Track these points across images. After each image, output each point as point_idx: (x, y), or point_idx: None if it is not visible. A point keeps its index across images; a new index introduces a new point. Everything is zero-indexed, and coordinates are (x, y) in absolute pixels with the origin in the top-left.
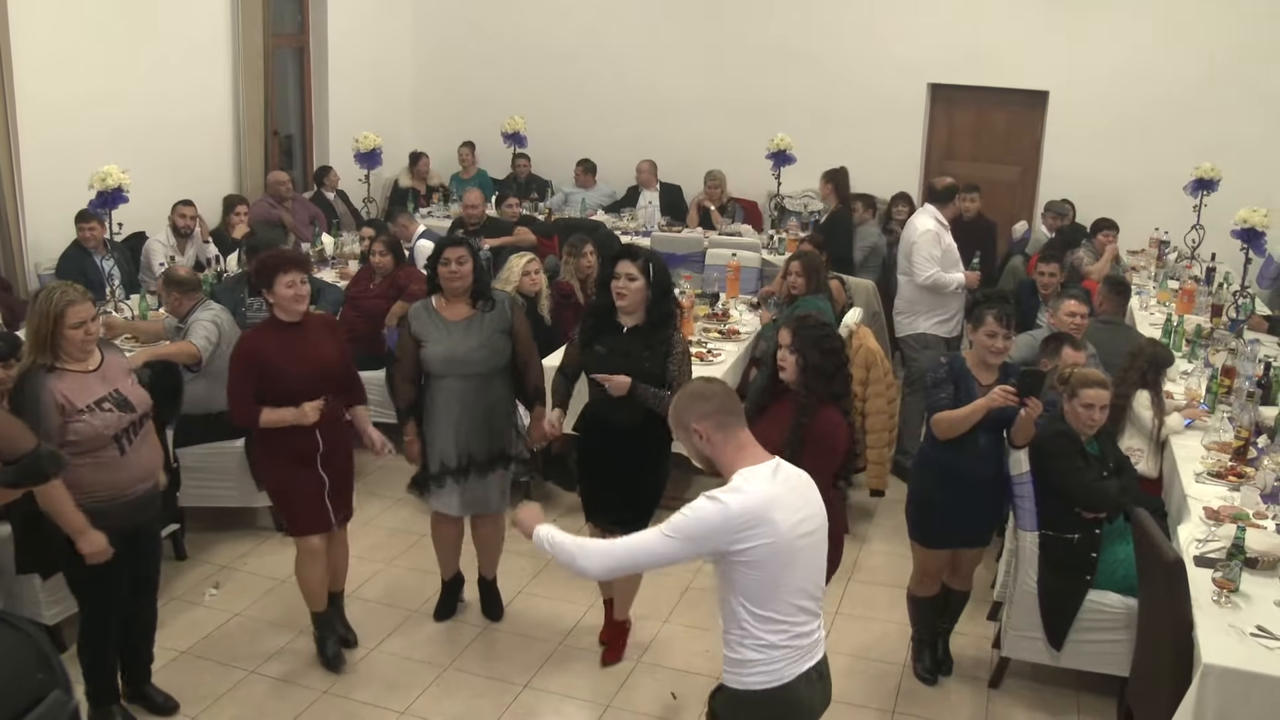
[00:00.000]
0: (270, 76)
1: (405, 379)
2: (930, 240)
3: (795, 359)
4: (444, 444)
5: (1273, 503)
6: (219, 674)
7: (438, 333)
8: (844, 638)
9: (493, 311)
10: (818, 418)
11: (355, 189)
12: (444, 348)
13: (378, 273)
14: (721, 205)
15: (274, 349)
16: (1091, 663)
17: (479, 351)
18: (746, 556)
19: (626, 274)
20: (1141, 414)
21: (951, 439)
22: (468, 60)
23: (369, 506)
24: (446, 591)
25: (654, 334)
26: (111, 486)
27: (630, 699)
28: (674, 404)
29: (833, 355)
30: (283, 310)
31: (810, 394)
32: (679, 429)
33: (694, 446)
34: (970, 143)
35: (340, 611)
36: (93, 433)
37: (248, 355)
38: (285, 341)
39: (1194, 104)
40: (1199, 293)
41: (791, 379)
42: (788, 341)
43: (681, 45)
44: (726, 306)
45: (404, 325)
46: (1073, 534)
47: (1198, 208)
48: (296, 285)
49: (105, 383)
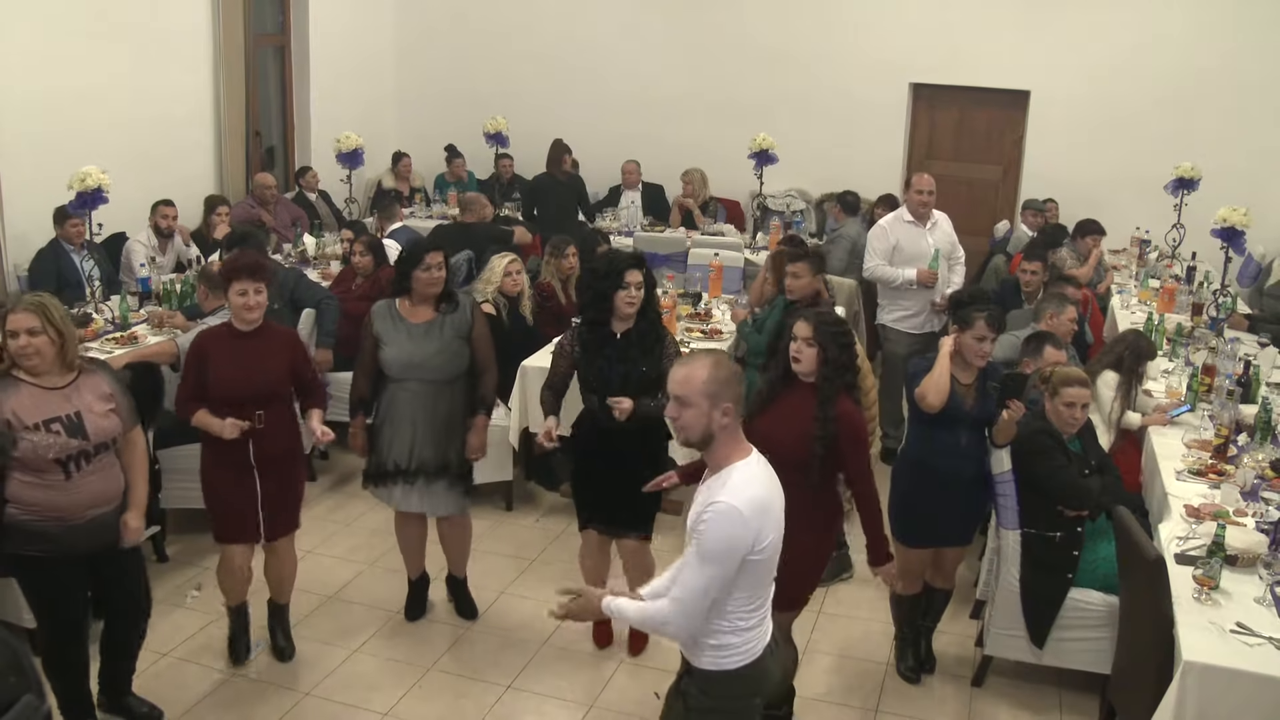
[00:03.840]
0: (251, 76)
1: (363, 373)
2: (877, 234)
3: (816, 352)
4: (398, 444)
5: (1252, 500)
6: (201, 676)
7: (398, 335)
8: (827, 636)
9: (454, 314)
10: (840, 410)
11: (337, 189)
12: (403, 352)
13: (359, 273)
14: (704, 205)
15: (219, 352)
16: (1074, 660)
17: (436, 357)
18: (760, 554)
19: (636, 283)
20: (1103, 392)
21: (932, 440)
22: (450, 59)
23: (351, 508)
24: (414, 591)
25: (648, 337)
26: (57, 509)
27: (613, 699)
28: (713, 376)
29: (849, 350)
30: (235, 318)
31: (830, 385)
32: (707, 401)
33: (710, 423)
34: (952, 142)
35: (284, 622)
36: (32, 452)
37: (195, 352)
38: (233, 348)
39: (1175, 103)
40: (1180, 291)
41: (809, 371)
42: (807, 334)
43: (664, 45)
44: (709, 306)
45: (366, 322)
46: (1055, 532)
47: (1178, 207)
48: (249, 294)
49: (66, 403)
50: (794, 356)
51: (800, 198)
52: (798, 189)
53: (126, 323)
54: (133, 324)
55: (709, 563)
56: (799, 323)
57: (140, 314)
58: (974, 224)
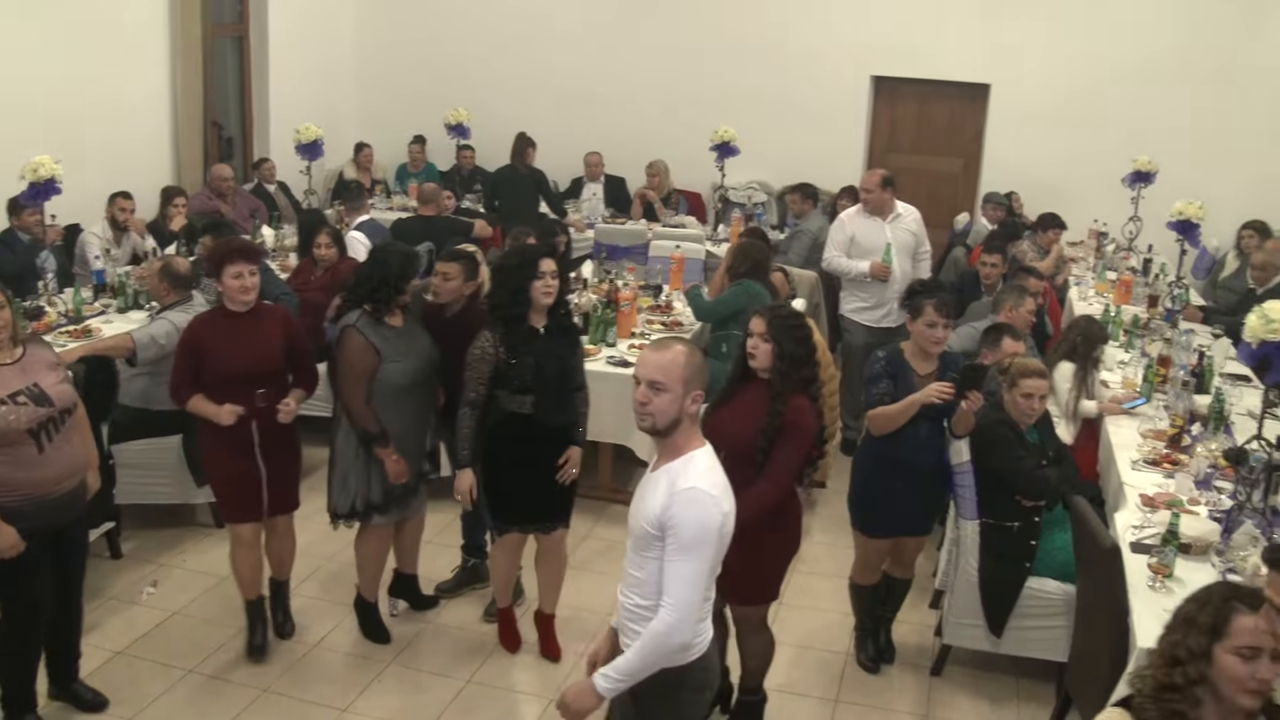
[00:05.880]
0: (209, 66)
1: (367, 400)
2: (836, 226)
3: (771, 347)
4: (412, 456)
5: (1205, 489)
6: (156, 674)
7: (401, 344)
8: (787, 628)
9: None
10: (790, 405)
11: (297, 180)
12: (409, 362)
13: (319, 264)
14: (665, 197)
15: (216, 335)
16: (1031, 648)
17: (431, 350)
18: (725, 538)
19: (551, 272)
20: (1059, 384)
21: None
22: (412, 50)
23: (310, 501)
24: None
25: (570, 330)
26: (31, 485)
27: None
28: (689, 362)
29: (805, 343)
30: (230, 300)
31: (785, 381)
32: (682, 387)
33: (680, 410)
34: (913, 135)
35: (284, 600)
36: (5, 426)
37: (189, 338)
38: (229, 330)
39: (1132, 97)
40: (1136, 284)
41: (764, 366)
42: (761, 330)
43: (627, 37)
44: (670, 298)
45: (355, 338)
46: (1013, 522)
47: (1135, 200)
48: (244, 276)
49: (23, 376)
50: (750, 352)
51: (762, 190)
52: (759, 181)
53: (80, 316)
54: (86, 317)
55: (693, 552)
56: (754, 318)
57: (95, 307)
58: (934, 216)
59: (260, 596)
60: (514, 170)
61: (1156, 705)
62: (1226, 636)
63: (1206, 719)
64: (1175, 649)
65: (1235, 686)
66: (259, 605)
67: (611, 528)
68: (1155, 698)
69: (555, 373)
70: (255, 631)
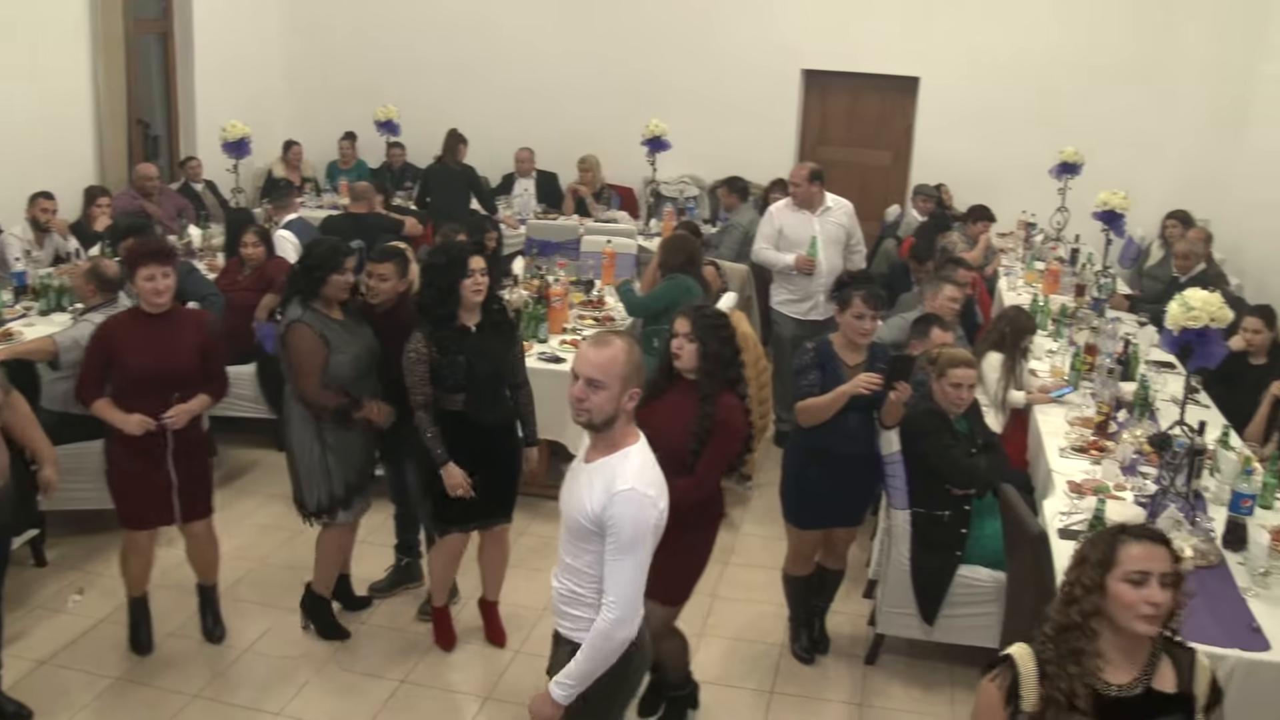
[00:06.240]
0: (132, 63)
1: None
2: (765, 219)
3: (695, 347)
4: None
5: (1131, 475)
6: (84, 683)
7: (346, 335)
8: (722, 621)
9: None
10: (719, 404)
11: (225, 179)
12: (353, 353)
13: (246, 264)
14: (597, 192)
15: (127, 338)
16: (963, 636)
17: (370, 345)
18: (659, 531)
19: (480, 269)
20: (987, 375)
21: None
22: (340, 45)
23: (240, 504)
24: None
25: (504, 326)
26: None
27: (509, 689)
28: (629, 360)
29: (730, 343)
30: (143, 302)
31: (711, 381)
32: (620, 384)
33: (614, 407)
34: (843, 128)
35: (213, 604)
36: None
37: (100, 339)
38: (142, 332)
39: (1059, 89)
40: (1064, 273)
41: (690, 366)
42: (686, 330)
43: (558, 32)
44: (602, 294)
45: (304, 332)
46: (943, 511)
47: (1062, 190)
48: (156, 279)
49: None
50: (674, 352)
51: (694, 184)
52: (691, 175)
53: (0, 319)
54: (7, 320)
55: (632, 550)
56: (678, 318)
57: (16, 310)
58: (866, 209)
59: (145, 594)
60: (445, 167)
61: (1056, 644)
62: (1116, 565)
63: (1105, 651)
64: (1071, 588)
65: (1129, 613)
66: (143, 602)
67: (546, 525)
68: (1055, 638)
69: (487, 371)
70: (140, 627)
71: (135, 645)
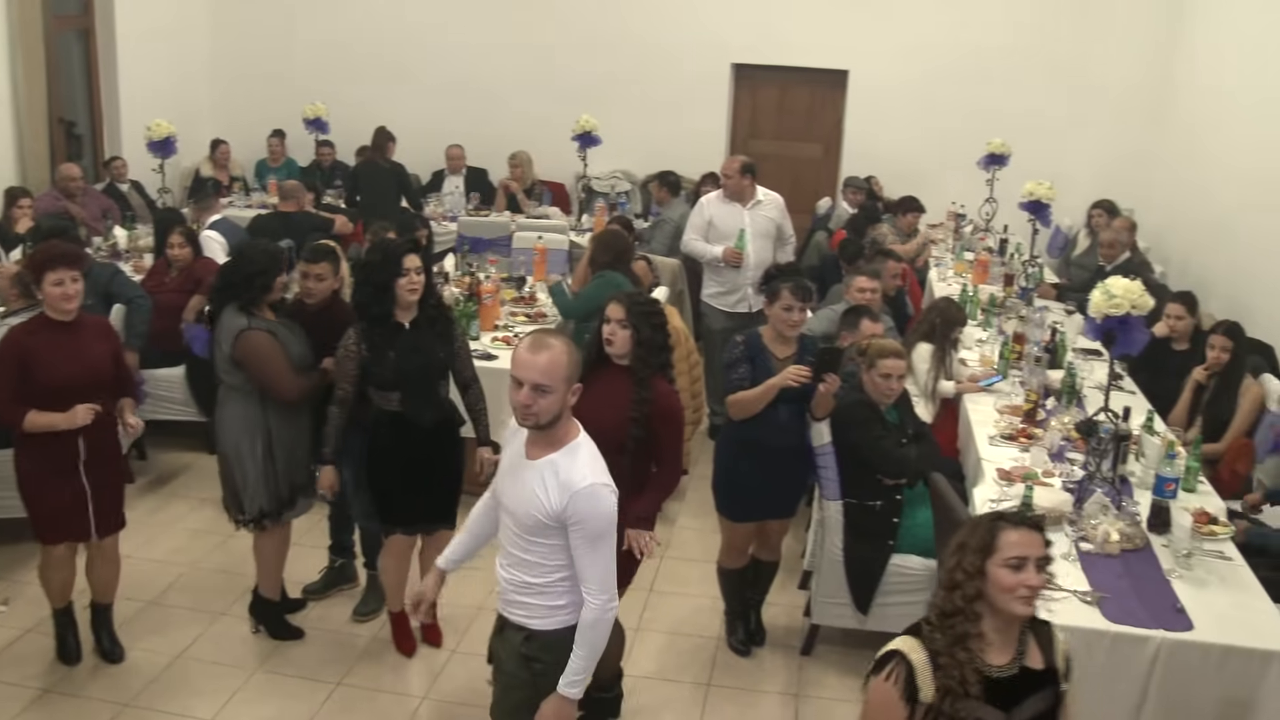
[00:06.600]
0: (52, 60)
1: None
2: (695, 210)
3: (629, 333)
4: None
5: (1059, 461)
6: (10, 694)
7: (286, 334)
8: (658, 615)
9: None
10: (657, 392)
11: (151, 179)
12: (297, 352)
13: (173, 266)
14: (528, 188)
15: (42, 347)
16: (897, 624)
17: (307, 342)
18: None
19: (415, 268)
20: (917, 365)
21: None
22: (267, 42)
23: (171, 508)
24: (289, 607)
25: (439, 323)
26: None
27: (445, 689)
28: (571, 361)
29: (662, 330)
30: (51, 309)
31: (645, 366)
32: (562, 383)
33: (558, 402)
34: (774, 121)
35: (109, 624)
36: None
37: (12, 350)
38: (55, 340)
39: (986, 81)
40: (993, 263)
41: (622, 353)
42: (620, 316)
43: (487, 28)
44: (533, 290)
45: (261, 337)
46: (875, 501)
47: (990, 181)
48: (65, 284)
49: None
50: (607, 339)
51: (625, 179)
52: (623, 170)
53: None
54: None
55: (601, 542)
56: (611, 304)
57: None
58: (797, 202)
59: (70, 603)
60: (374, 164)
61: (942, 630)
62: (996, 551)
63: (986, 633)
64: (953, 574)
65: (1008, 596)
66: (68, 612)
67: None
68: (940, 625)
69: (419, 368)
70: (66, 637)
71: (63, 655)
